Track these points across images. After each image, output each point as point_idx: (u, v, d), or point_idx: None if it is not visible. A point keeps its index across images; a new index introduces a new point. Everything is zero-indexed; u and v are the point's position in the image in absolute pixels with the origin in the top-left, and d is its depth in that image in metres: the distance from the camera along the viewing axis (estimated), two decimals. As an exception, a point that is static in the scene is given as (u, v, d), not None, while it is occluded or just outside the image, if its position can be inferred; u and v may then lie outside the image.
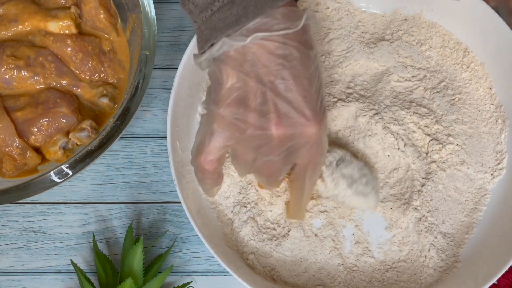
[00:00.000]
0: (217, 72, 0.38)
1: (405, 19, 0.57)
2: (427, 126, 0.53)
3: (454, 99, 0.55)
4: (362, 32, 0.57)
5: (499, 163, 0.52)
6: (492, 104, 0.54)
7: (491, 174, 0.53)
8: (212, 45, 0.37)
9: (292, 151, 0.40)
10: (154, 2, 0.51)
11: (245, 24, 0.35)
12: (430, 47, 0.56)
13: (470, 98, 0.55)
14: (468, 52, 0.55)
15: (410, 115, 0.53)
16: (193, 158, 0.42)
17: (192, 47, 0.51)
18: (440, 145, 0.52)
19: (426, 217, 0.51)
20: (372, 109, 0.53)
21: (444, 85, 0.55)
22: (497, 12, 0.52)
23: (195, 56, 0.39)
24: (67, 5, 0.52)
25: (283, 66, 0.36)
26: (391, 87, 0.54)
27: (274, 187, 0.50)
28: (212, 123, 0.39)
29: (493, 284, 0.53)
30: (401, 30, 0.56)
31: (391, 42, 0.56)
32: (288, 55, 0.36)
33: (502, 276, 0.52)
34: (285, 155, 0.40)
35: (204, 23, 0.37)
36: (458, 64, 0.56)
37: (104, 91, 0.51)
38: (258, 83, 0.36)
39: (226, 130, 0.39)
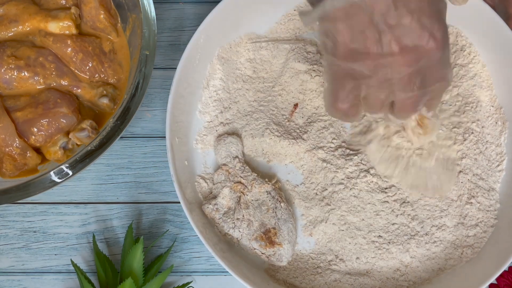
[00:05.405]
0: (332, 29, 0.38)
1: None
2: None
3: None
4: None
5: (498, 165, 0.52)
6: (492, 106, 0.54)
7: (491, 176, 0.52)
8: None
9: (424, 74, 0.40)
10: (154, 2, 0.51)
11: None
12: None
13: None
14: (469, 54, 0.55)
15: None
16: (326, 108, 0.44)
17: (192, 47, 0.51)
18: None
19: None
20: None
21: None
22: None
23: (302, 13, 0.40)
24: (67, 5, 0.52)
25: (401, 4, 0.36)
26: None
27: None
28: (336, 77, 0.41)
29: (493, 284, 0.53)
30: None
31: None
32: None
33: (502, 276, 0.52)
34: (420, 81, 0.40)
35: None
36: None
37: (104, 92, 0.51)
38: (373, 25, 0.37)
39: (350, 81, 0.40)
